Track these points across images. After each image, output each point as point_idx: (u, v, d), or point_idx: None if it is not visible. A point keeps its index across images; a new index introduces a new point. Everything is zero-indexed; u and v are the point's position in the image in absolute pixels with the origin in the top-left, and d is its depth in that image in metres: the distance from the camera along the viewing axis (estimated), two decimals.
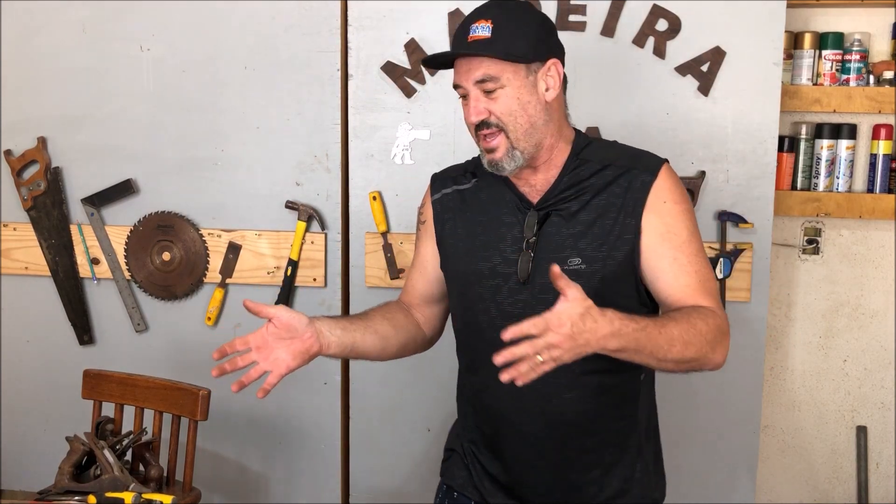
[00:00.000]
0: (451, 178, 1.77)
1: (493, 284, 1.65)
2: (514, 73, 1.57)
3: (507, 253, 1.64)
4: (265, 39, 2.52)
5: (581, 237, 1.59)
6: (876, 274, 2.71)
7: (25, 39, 2.63)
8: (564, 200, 1.62)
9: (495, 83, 1.56)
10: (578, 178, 1.63)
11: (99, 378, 2.44)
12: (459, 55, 1.59)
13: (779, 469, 2.85)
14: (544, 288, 1.58)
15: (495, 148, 1.60)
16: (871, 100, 2.55)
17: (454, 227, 1.73)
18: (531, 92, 1.58)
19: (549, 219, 1.62)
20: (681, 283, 1.57)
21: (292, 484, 2.69)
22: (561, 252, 1.59)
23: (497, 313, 1.64)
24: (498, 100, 1.57)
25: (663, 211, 1.59)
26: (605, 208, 1.60)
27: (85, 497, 2.03)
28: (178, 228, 2.62)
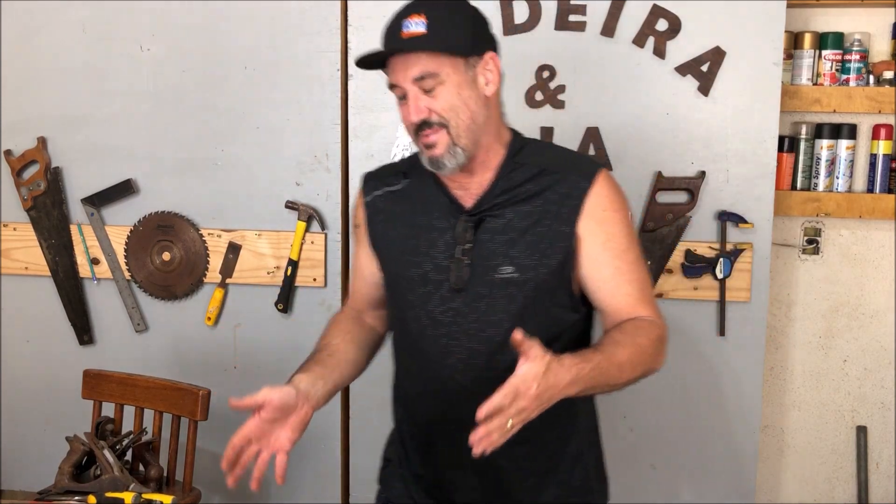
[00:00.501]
0: (382, 179, 1.71)
1: (424, 292, 1.59)
2: (454, 68, 1.51)
3: (438, 259, 1.58)
4: (265, 39, 2.52)
5: (513, 245, 1.55)
6: (876, 274, 2.71)
7: (25, 39, 2.63)
8: (498, 207, 1.57)
9: (434, 79, 1.50)
10: (513, 184, 1.57)
11: (99, 378, 2.44)
12: (394, 53, 1.52)
13: (779, 469, 2.85)
14: (477, 297, 1.56)
15: (435, 144, 1.52)
16: (871, 100, 2.55)
17: (385, 230, 1.67)
18: (471, 87, 1.53)
19: (483, 225, 1.57)
20: (622, 292, 1.56)
21: (292, 484, 2.69)
22: (493, 260, 1.55)
23: (428, 321, 1.59)
24: (438, 96, 1.51)
25: (602, 219, 1.56)
26: (539, 215, 1.55)
27: (85, 497, 2.03)
28: (178, 228, 2.62)
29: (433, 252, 1.59)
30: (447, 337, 1.58)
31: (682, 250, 2.46)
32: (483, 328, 1.56)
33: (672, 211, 2.43)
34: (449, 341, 1.58)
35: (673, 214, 2.43)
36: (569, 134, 2.43)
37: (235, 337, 2.65)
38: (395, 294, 1.67)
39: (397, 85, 1.53)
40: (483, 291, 1.56)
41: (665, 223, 2.44)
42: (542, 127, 2.43)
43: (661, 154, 2.42)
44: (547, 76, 2.42)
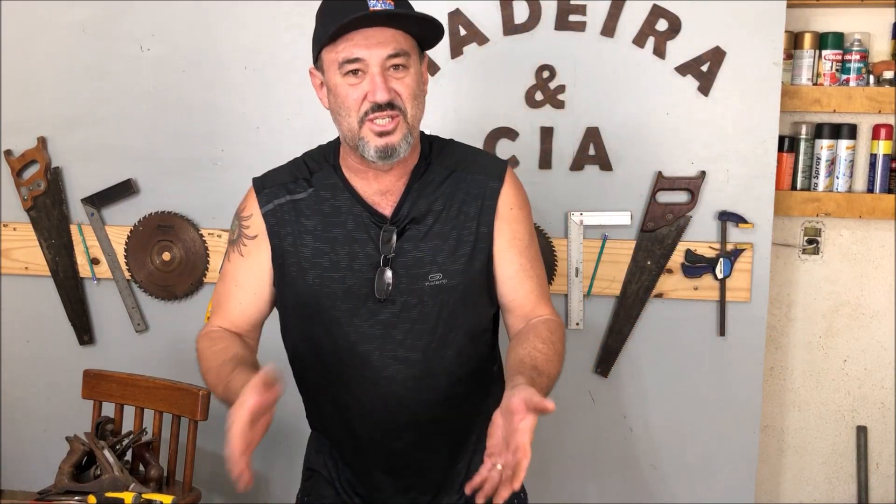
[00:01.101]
0: (282, 186, 1.58)
1: (349, 307, 1.54)
2: (415, 57, 1.47)
3: (361, 271, 1.52)
4: (265, 39, 2.51)
5: (439, 251, 1.53)
6: (876, 274, 2.71)
7: (25, 39, 2.63)
8: (418, 213, 1.53)
9: (406, 60, 1.44)
10: (428, 185, 1.54)
11: (99, 378, 2.44)
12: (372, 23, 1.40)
13: (779, 469, 2.85)
14: (407, 306, 1.53)
15: (393, 130, 1.45)
16: (871, 100, 2.55)
17: (295, 243, 1.55)
18: (422, 80, 1.51)
19: (406, 234, 1.53)
20: (525, 288, 1.59)
21: (292, 484, 2.68)
22: (421, 268, 1.52)
23: (356, 337, 1.54)
24: (404, 80, 1.45)
25: (510, 217, 1.57)
26: (458, 219, 1.54)
27: (85, 497, 2.03)
28: (178, 228, 2.62)
29: (355, 265, 1.53)
30: (379, 350, 1.55)
31: (682, 250, 2.46)
32: (418, 336, 1.55)
33: (672, 211, 2.43)
34: (383, 354, 1.55)
35: (673, 214, 2.43)
36: (569, 134, 2.43)
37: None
38: (313, 312, 1.57)
39: (361, 59, 1.42)
40: (413, 301, 1.53)
41: (665, 223, 2.44)
42: (542, 127, 2.44)
43: (661, 154, 2.42)
44: (547, 76, 2.42)
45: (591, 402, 2.55)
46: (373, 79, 1.43)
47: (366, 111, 1.45)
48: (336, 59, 1.44)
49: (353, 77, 1.44)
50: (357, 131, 1.47)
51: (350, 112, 1.46)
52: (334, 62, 1.45)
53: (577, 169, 2.44)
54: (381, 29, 1.42)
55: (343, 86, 1.45)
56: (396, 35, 1.43)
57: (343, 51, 1.43)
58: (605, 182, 2.44)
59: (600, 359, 2.53)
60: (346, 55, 1.43)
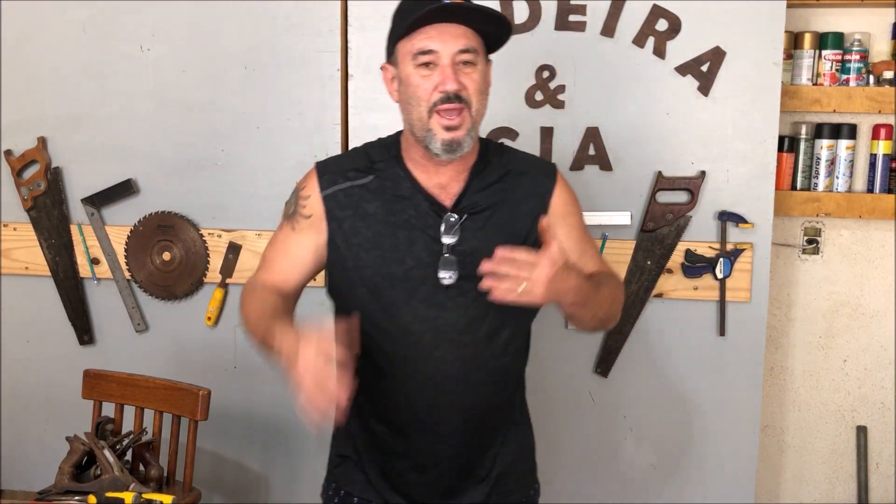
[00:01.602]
0: (343, 173, 1.65)
1: (405, 290, 1.60)
2: (482, 56, 1.56)
3: (421, 256, 1.60)
4: (265, 39, 2.52)
5: (495, 241, 1.57)
6: (876, 274, 2.71)
7: (25, 39, 2.63)
8: (477, 204, 1.63)
9: (475, 56, 1.53)
10: (487, 182, 1.65)
11: (99, 378, 2.44)
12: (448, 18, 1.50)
13: (779, 469, 2.85)
14: (462, 292, 1.60)
15: (459, 125, 1.53)
16: (871, 100, 2.55)
17: (355, 227, 1.63)
18: (488, 80, 1.60)
19: (465, 223, 1.61)
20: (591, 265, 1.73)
21: (292, 484, 2.69)
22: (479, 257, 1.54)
23: (411, 318, 1.61)
24: (472, 75, 1.53)
25: (565, 212, 1.71)
26: (513, 213, 1.65)
27: (85, 497, 2.03)
28: (178, 228, 2.62)
29: (414, 249, 1.60)
30: (433, 332, 1.61)
31: (682, 250, 2.46)
32: (470, 322, 1.62)
33: (672, 211, 2.43)
34: (434, 338, 1.62)
35: (673, 214, 2.43)
36: (569, 134, 2.43)
37: (235, 337, 2.65)
38: (374, 293, 1.62)
39: (434, 51, 1.51)
40: (468, 287, 1.59)
41: (665, 223, 2.44)
42: (542, 127, 2.43)
43: (661, 154, 2.42)
44: (547, 76, 2.42)
45: (591, 402, 2.55)
46: (443, 70, 1.51)
47: (435, 102, 1.53)
48: (411, 49, 1.53)
49: (425, 69, 1.53)
50: (426, 121, 1.54)
51: (420, 102, 1.54)
52: (409, 53, 1.53)
53: (577, 169, 2.44)
54: (454, 25, 1.51)
55: (415, 76, 1.54)
56: (468, 32, 1.53)
57: (418, 42, 1.52)
58: (604, 182, 2.44)
59: (600, 359, 2.53)
60: (420, 46, 1.52)
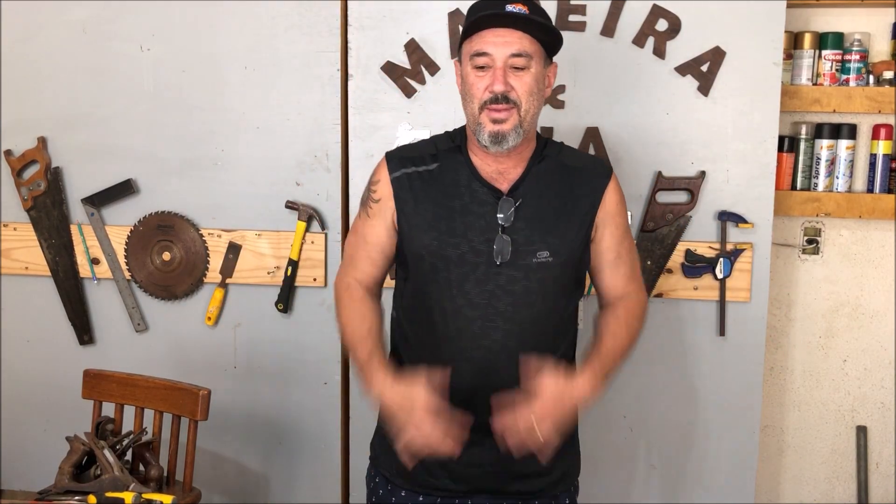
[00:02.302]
0: (410, 160, 1.78)
1: (460, 272, 1.71)
2: (538, 60, 1.67)
3: (475, 241, 1.70)
4: (265, 39, 2.52)
5: (549, 231, 1.71)
6: (876, 274, 2.71)
7: (25, 39, 2.63)
8: (533, 192, 1.72)
9: (527, 61, 1.64)
10: (544, 174, 1.74)
11: (99, 378, 2.44)
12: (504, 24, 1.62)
13: (779, 469, 2.85)
14: (512, 279, 1.70)
15: (505, 119, 1.65)
16: (871, 100, 2.55)
17: (415, 208, 1.74)
18: (542, 82, 1.70)
19: (520, 210, 1.70)
20: (620, 273, 1.81)
21: (292, 484, 2.69)
22: (531, 245, 1.70)
23: (464, 301, 1.71)
24: (522, 78, 1.65)
25: (613, 212, 1.79)
26: (568, 207, 1.74)
27: (85, 497, 2.03)
28: (178, 228, 2.62)
29: (470, 234, 1.70)
30: (483, 318, 1.71)
31: (682, 250, 2.46)
32: (518, 309, 1.71)
33: (672, 211, 2.43)
34: (485, 322, 1.71)
35: (673, 214, 2.43)
36: (569, 134, 2.43)
37: (235, 337, 2.65)
38: (425, 275, 1.74)
39: (489, 54, 1.64)
40: (518, 275, 1.70)
41: (665, 223, 2.44)
42: (542, 127, 2.43)
43: (661, 154, 2.42)
44: None
45: None
46: (495, 72, 1.64)
47: (485, 100, 1.65)
48: (469, 51, 1.67)
49: (480, 70, 1.66)
50: (477, 116, 1.68)
51: (473, 99, 1.68)
52: (468, 54, 1.68)
53: None
54: (510, 31, 1.63)
55: (472, 75, 1.68)
56: (524, 38, 1.64)
57: (475, 45, 1.66)
58: None
59: None
60: (477, 48, 1.66)
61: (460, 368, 1.72)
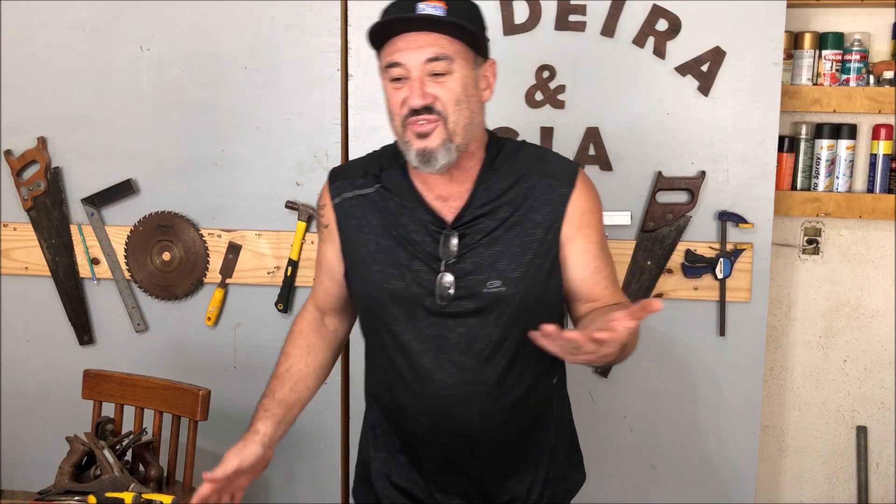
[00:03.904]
0: (351, 182, 1.62)
1: (406, 307, 1.56)
2: (465, 60, 1.46)
3: (420, 274, 1.54)
4: (265, 39, 2.52)
5: (500, 258, 1.52)
6: (876, 274, 2.71)
7: (25, 39, 2.63)
8: (481, 218, 1.53)
9: (448, 64, 1.44)
10: (493, 193, 1.54)
11: (99, 378, 2.44)
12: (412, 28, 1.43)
13: (779, 469, 2.85)
14: (464, 312, 1.54)
15: (429, 133, 1.45)
16: (871, 100, 2.55)
17: (358, 238, 1.60)
18: (475, 86, 1.49)
19: (465, 239, 1.53)
20: (601, 287, 1.60)
21: (292, 484, 2.69)
22: (479, 274, 1.52)
23: (412, 336, 1.57)
24: (446, 84, 1.44)
25: (581, 223, 1.56)
26: (522, 225, 1.53)
27: (85, 497, 2.03)
28: (178, 228, 2.62)
29: (414, 266, 1.55)
30: (435, 352, 1.56)
31: (682, 250, 2.46)
32: (473, 342, 1.55)
33: (672, 211, 2.43)
34: (437, 356, 1.56)
35: (673, 214, 2.43)
36: (569, 134, 2.43)
37: (235, 337, 2.65)
38: (374, 308, 1.61)
39: (401, 64, 1.44)
40: (470, 307, 1.53)
41: (665, 223, 2.44)
42: (542, 127, 2.43)
43: (661, 154, 2.42)
44: (547, 76, 2.42)
45: (591, 401, 2.55)
46: (411, 84, 1.44)
47: (405, 115, 1.46)
48: (383, 63, 1.48)
49: (397, 82, 1.46)
50: (402, 134, 1.49)
51: (395, 116, 1.49)
52: (382, 67, 1.49)
53: None
54: (423, 33, 1.43)
55: (389, 89, 1.49)
56: (440, 39, 1.43)
57: (386, 56, 1.47)
58: (605, 182, 2.44)
59: None
60: (388, 60, 1.46)
61: (416, 408, 1.61)
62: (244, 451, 1.55)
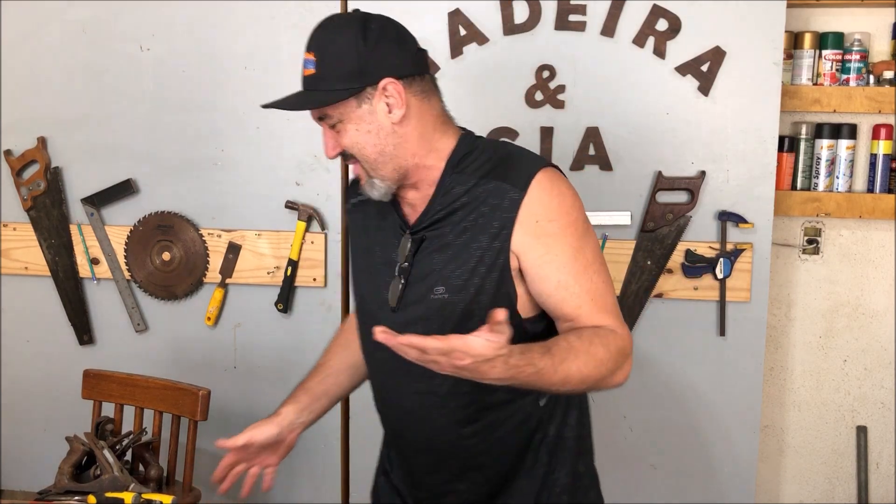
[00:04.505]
0: (356, 184, 1.63)
1: (371, 311, 1.57)
2: (345, 107, 1.46)
3: (384, 276, 1.54)
4: (265, 39, 2.51)
5: (448, 263, 1.47)
6: (876, 274, 2.71)
7: (25, 39, 2.63)
8: (437, 223, 1.49)
9: (332, 119, 1.48)
10: (451, 198, 1.48)
11: (99, 378, 2.44)
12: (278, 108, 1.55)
13: (779, 469, 2.85)
14: (414, 318, 1.49)
15: (359, 176, 1.53)
16: (871, 100, 2.55)
17: (355, 241, 1.65)
18: (370, 120, 1.46)
19: (423, 244, 1.50)
20: (571, 305, 1.44)
21: (292, 484, 2.69)
22: (428, 280, 1.48)
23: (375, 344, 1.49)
24: (341, 133, 1.49)
25: (538, 231, 1.43)
26: (472, 231, 1.45)
27: (85, 497, 2.03)
28: (178, 228, 2.62)
29: (381, 269, 1.55)
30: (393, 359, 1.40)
31: (682, 250, 2.46)
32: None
33: (672, 211, 2.43)
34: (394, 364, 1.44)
35: (673, 214, 2.43)
36: (569, 134, 2.43)
37: (235, 337, 2.65)
38: (358, 310, 1.66)
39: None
40: (419, 312, 1.49)
41: (665, 223, 2.44)
42: (542, 127, 2.44)
43: (661, 154, 2.42)
44: (547, 76, 2.42)
45: (591, 401, 2.55)
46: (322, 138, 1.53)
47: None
48: None
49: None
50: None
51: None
52: None
53: (577, 169, 2.44)
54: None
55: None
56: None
57: None
58: (604, 182, 2.44)
59: None
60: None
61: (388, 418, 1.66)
62: (259, 428, 1.64)
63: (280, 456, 1.72)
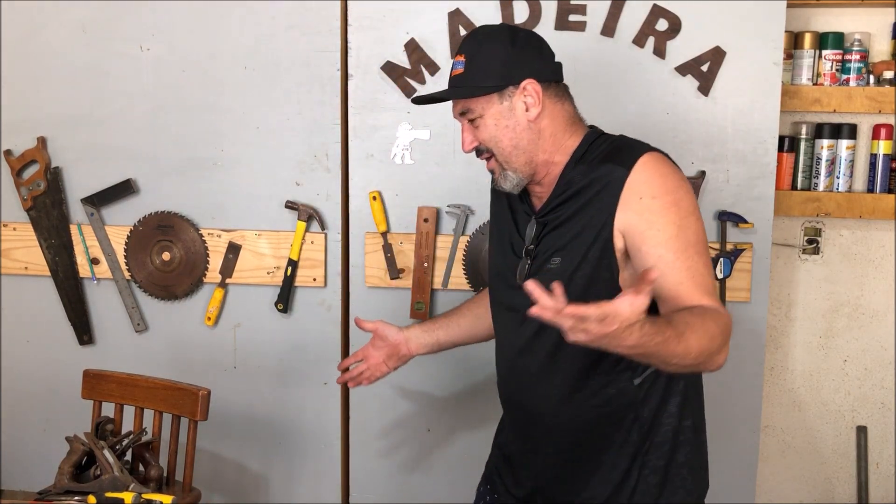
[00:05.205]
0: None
1: (497, 289, 1.79)
2: (488, 103, 1.63)
3: (511, 257, 1.73)
4: (265, 39, 2.51)
5: (561, 237, 1.62)
6: (876, 274, 2.71)
7: (25, 39, 2.63)
8: (557, 207, 1.64)
9: (473, 114, 1.65)
10: (571, 185, 1.61)
11: (99, 378, 2.44)
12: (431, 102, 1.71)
13: (779, 469, 2.85)
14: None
15: (492, 169, 1.69)
16: (871, 100, 2.55)
17: (490, 221, 1.87)
18: (509, 116, 1.63)
19: (545, 228, 1.66)
20: (671, 282, 1.49)
21: (292, 484, 2.69)
22: (546, 255, 1.65)
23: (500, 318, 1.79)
24: (479, 128, 1.65)
25: (640, 208, 1.52)
26: (586, 209, 1.58)
27: (85, 497, 2.03)
28: (178, 228, 2.62)
29: (507, 250, 1.74)
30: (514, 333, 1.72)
31: None
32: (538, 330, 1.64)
33: None
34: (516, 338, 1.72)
35: None
36: None
37: (235, 337, 2.65)
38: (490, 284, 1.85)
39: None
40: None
41: None
42: None
43: None
44: None
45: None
46: (461, 133, 1.69)
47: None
48: None
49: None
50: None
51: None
52: None
53: None
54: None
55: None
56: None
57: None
58: None
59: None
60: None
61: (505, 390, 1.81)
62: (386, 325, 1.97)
63: (390, 367, 1.97)
